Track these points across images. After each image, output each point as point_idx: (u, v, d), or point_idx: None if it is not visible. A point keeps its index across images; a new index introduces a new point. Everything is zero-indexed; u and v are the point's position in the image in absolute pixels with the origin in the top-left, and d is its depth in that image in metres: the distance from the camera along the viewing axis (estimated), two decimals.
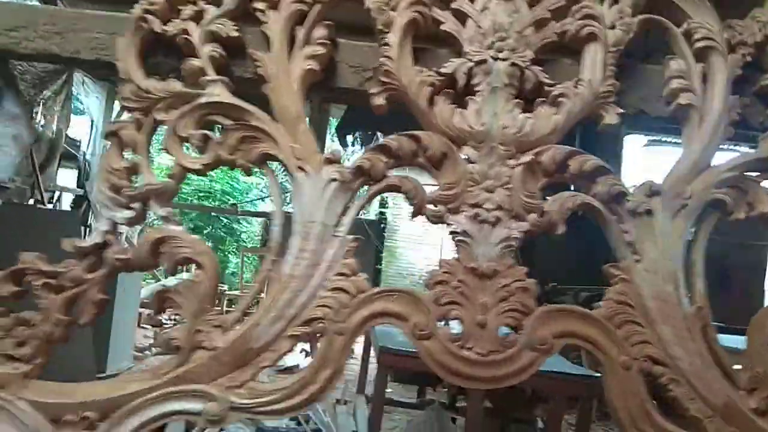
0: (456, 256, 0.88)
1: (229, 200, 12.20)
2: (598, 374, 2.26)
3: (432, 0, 0.96)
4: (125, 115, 0.93)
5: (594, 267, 1.06)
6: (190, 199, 11.24)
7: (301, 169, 0.90)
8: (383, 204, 10.67)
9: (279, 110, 0.92)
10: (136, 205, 0.89)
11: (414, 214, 0.91)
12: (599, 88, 0.92)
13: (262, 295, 1.01)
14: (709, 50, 0.93)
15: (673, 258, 0.86)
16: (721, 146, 0.92)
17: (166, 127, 0.92)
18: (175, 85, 0.93)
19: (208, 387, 0.83)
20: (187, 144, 0.92)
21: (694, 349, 0.83)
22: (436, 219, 0.89)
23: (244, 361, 0.84)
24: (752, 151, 0.93)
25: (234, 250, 11.72)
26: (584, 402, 2.13)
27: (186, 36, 0.94)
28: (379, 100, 0.93)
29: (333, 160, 0.90)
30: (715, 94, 0.91)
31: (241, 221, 11.93)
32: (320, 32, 0.95)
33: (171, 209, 0.90)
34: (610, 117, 0.92)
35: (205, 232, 11.26)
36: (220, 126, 0.94)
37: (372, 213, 10.34)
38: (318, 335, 0.86)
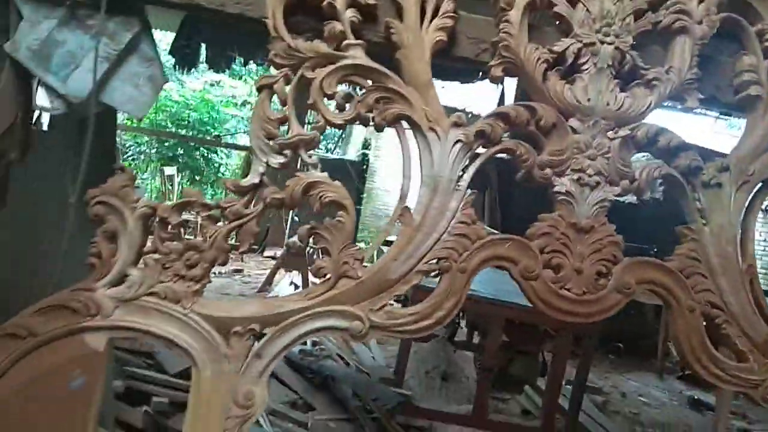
0: (560, 212, 1.05)
1: (206, 130, 12.00)
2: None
3: None
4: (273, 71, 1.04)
5: None
6: (166, 126, 10.99)
7: (432, 130, 1.04)
8: (366, 145, 10.71)
9: (411, 75, 1.05)
10: (287, 151, 1.02)
11: (523, 177, 1.06)
12: (685, 75, 1.07)
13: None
14: None
15: (735, 224, 1.06)
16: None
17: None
18: (321, 46, 1.04)
19: (352, 308, 0.99)
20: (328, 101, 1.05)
21: (743, 297, 1.04)
22: (544, 180, 1.05)
23: (381, 289, 1.01)
24: None
25: (211, 182, 11.63)
26: (587, 340, 2.40)
27: (331, 1, 1.04)
28: (498, 72, 1.07)
29: (459, 124, 1.04)
30: None
31: (219, 153, 11.80)
32: (448, 5, 1.07)
33: (317, 157, 1.03)
34: (692, 101, 1.08)
35: (181, 161, 11.12)
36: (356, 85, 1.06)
37: (354, 154, 10.39)
38: (443, 272, 1.02)
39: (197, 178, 11.24)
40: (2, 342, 0.94)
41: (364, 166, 9.90)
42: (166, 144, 11.04)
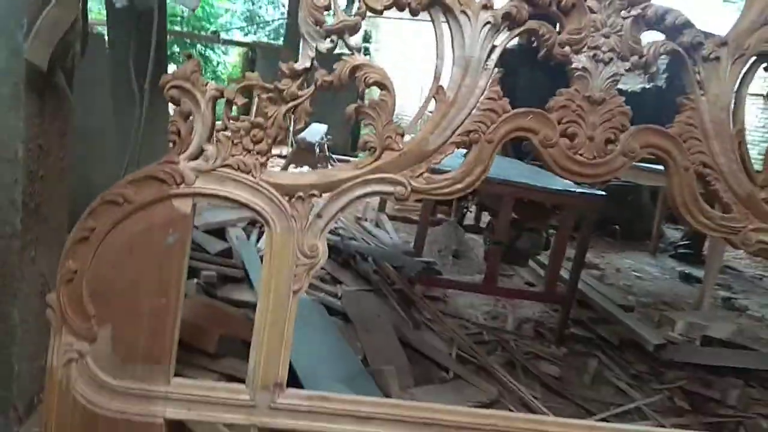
0: (575, 86, 1.18)
1: (201, 26, 11.63)
2: (602, 193, 2.75)
3: None
4: None
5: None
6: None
7: (463, 13, 1.14)
8: (366, 39, 10.44)
9: None
10: (333, 36, 1.14)
11: (545, 55, 1.19)
12: None
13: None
14: None
15: (729, 93, 1.19)
16: None
17: None
18: None
19: (396, 176, 1.16)
20: None
21: (732, 157, 1.20)
22: (563, 57, 1.18)
23: (420, 159, 1.17)
24: None
25: (210, 79, 11.46)
26: (588, 215, 2.62)
27: None
28: None
29: (488, 6, 1.15)
30: None
31: (216, 50, 11.53)
32: None
33: (359, 41, 1.15)
34: None
35: (178, 59, 10.90)
36: None
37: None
38: (473, 143, 1.18)
39: None
40: (103, 208, 1.12)
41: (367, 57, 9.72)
42: None
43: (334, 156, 6.57)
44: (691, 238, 5.75)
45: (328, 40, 1.14)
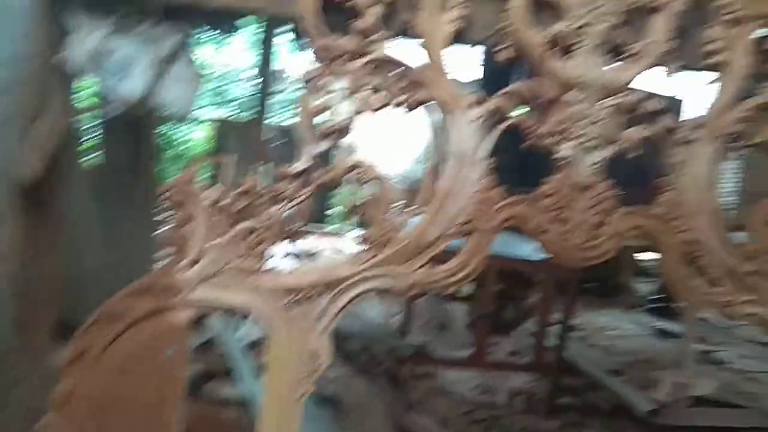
0: (565, 173, 1.22)
1: None
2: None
3: None
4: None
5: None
6: None
7: (455, 109, 1.19)
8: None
9: (434, 62, 1.19)
10: (330, 137, 1.16)
11: (530, 145, 1.23)
12: (664, 46, 1.25)
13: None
14: (740, 21, 1.27)
15: (706, 173, 1.25)
16: None
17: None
18: (353, 41, 1.17)
19: (397, 269, 1.16)
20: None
21: (715, 233, 1.25)
22: (550, 147, 1.22)
23: (420, 251, 1.18)
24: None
25: (174, 159, 11.38)
26: (572, 284, 2.66)
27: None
28: (506, 53, 1.23)
29: (479, 102, 1.20)
30: (742, 53, 1.27)
31: (181, 129, 11.54)
32: None
33: (355, 140, 1.18)
34: (671, 69, 1.26)
35: None
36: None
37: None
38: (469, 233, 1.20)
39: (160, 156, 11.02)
40: (99, 325, 1.08)
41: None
42: None
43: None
44: (663, 292, 5.86)
45: (325, 141, 1.17)
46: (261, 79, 8.62)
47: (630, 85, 1.24)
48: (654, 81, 1.32)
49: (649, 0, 1.24)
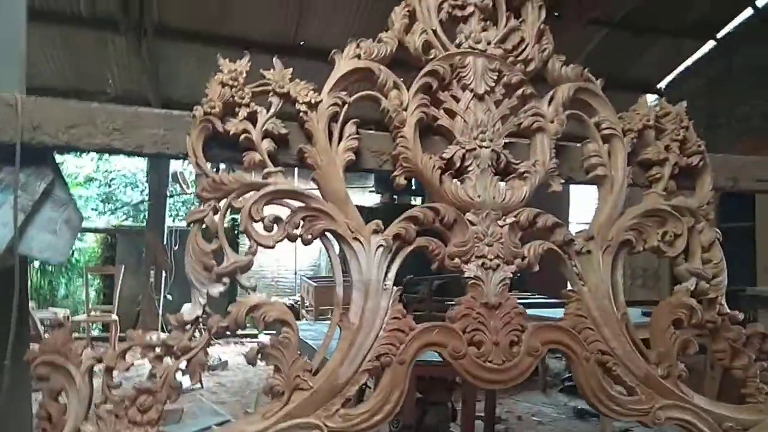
0: (471, 294, 1.21)
1: None
2: None
3: (430, 101, 1.28)
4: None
5: None
6: None
7: (356, 239, 1.16)
8: (235, 211, 10.48)
9: (330, 192, 1.17)
10: (226, 279, 1.08)
11: (438, 268, 1.22)
12: (548, 165, 1.31)
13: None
14: (612, 136, 1.37)
15: (606, 281, 1.29)
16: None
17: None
18: (245, 176, 1.12)
19: (309, 419, 1.06)
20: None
21: (623, 341, 1.27)
22: (455, 268, 1.22)
23: (333, 395, 1.09)
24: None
25: (63, 270, 10.60)
26: None
27: (247, 134, 1.14)
28: (401, 180, 1.23)
29: (378, 231, 1.18)
30: (619, 167, 1.36)
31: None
32: (352, 128, 1.22)
33: (254, 280, 1.10)
34: (556, 186, 1.32)
35: None
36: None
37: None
38: (384, 367, 1.13)
39: (47, 267, 10.22)
40: None
41: (236, 231, 9.75)
42: None
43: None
44: None
45: (222, 282, 1.08)
46: (157, 181, 8.39)
47: (525, 203, 1.28)
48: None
49: (530, 123, 1.32)
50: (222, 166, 1.36)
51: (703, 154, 1.42)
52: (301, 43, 6.52)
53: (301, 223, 1.15)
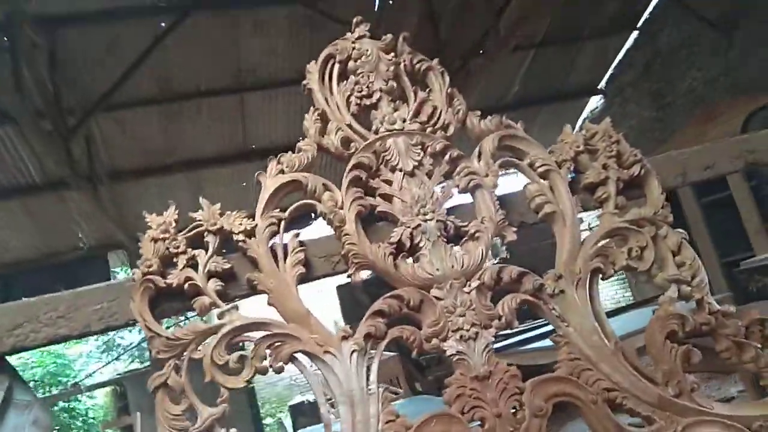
0: (459, 371, 1.17)
1: (58, 381, 10.79)
2: None
3: (364, 191, 1.28)
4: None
5: None
6: None
7: (326, 352, 1.13)
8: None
9: (289, 313, 1.15)
10: None
11: (417, 352, 1.19)
12: (496, 218, 1.31)
13: None
14: (549, 171, 1.38)
15: (587, 315, 1.26)
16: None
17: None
18: (199, 325, 1.10)
19: None
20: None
21: (625, 371, 1.23)
22: (435, 349, 1.18)
23: None
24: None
25: (85, 429, 10.29)
26: None
27: (191, 281, 1.12)
28: (357, 277, 1.22)
29: (347, 336, 1.15)
30: (564, 199, 1.36)
31: (79, 399, 10.58)
32: (294, 242, 1.21)
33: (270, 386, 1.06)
34: (510, 236, 1.31)
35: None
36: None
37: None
38: None
39: None
40: None
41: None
42: None
43: None
44: None
45: None
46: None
47: (485, 263, 1.27)
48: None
49: (467, 183, 1.32)
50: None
51: (641, 162, 1.42)
52: (253, 147, 6.65)
53: (268, 352, 1.11)
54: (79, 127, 5.15)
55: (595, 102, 8.89)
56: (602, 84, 8.65)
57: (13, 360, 1.15)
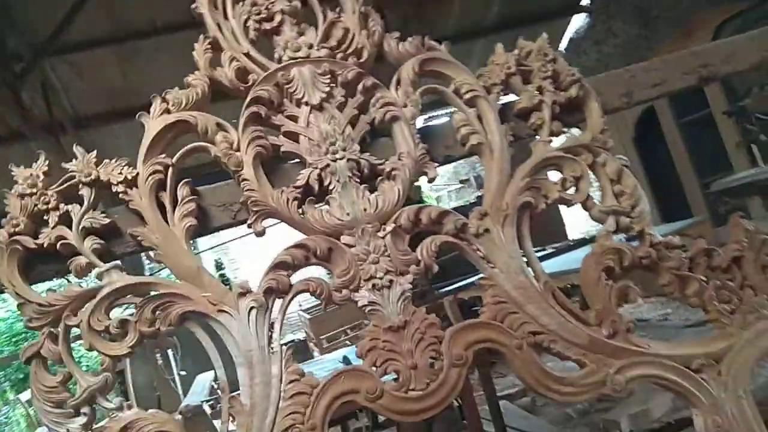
0: (373, 322, 1.08)
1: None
2: None
3: (265, 129, 1.14)
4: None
5: None
6: None
7: (221, 311, 1.02)
8: (219, 266, 10.37)
9: (178, 269, 1.04)
10: (85, 408, 0.95)
11: (326, 304, 1.09)
12: (416, 154, 1.18)
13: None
14: (476, 98, 1.24)
15: (515, 255, 1.16)
16: None
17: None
18: (73, 288, 0.99)
19: None
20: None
21: (554, 313, 1.14)
22: (346, 300, 1.08)
23: None
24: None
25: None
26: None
27: (64, 240, 1.00)
28: (258, 226, 1.10)
29: (244, 292, 1.04)
30: (493, 129, 1.22)
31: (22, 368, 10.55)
32: (184, 190, 1.08)
33: (120, 399, 0.97)
34: (432, 173, 1.19)
35: None
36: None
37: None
38: None
39: None
40: None
41: (227, 285, 9.65)
42: None
43: None
44: None
45: (81, 413, 0.95)
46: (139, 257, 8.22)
47: (401, 204, 1.15)
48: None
49: (383, 115, 1.18)
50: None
51: (580, 82, 1.28)
52: None
53: (155, 314, 1.01)
54: (29, 72, 4.87)
55: (580, 21, 8.52)
56: (586, 0, 8.26)
57: None
